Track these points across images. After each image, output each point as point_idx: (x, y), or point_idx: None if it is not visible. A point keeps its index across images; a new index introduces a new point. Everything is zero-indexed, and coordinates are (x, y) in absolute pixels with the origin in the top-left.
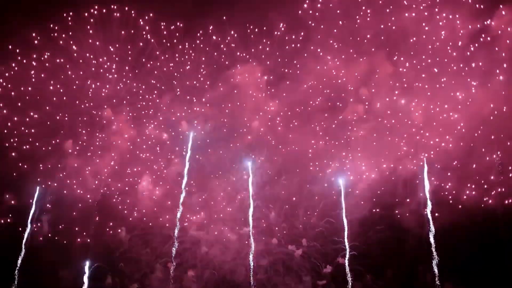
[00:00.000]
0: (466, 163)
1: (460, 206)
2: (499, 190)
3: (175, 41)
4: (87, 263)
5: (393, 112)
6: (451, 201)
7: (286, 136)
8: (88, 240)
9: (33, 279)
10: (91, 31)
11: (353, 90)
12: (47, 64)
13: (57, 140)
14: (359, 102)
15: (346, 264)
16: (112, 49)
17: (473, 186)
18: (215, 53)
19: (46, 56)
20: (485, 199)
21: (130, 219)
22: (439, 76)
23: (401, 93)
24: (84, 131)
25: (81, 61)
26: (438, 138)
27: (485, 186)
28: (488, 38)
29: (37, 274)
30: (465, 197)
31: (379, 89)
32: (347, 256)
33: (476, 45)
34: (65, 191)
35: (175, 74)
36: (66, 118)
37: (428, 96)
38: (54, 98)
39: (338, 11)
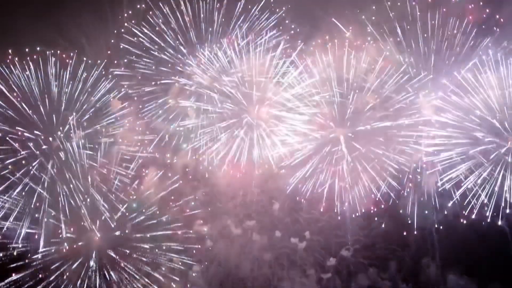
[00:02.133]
0: (472, 155)
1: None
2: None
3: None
4: (93, 261)
5: (401, 103)
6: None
7: (295, 126)
8: (95, 237)
9: None
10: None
11: (363, 79)
12: (53, 59)
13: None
14: (368, 92)
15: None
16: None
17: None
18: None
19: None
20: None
21: (136, 216)
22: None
23: (410, 82)
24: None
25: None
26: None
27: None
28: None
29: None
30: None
31: (389, 78)
32: (351, 249)
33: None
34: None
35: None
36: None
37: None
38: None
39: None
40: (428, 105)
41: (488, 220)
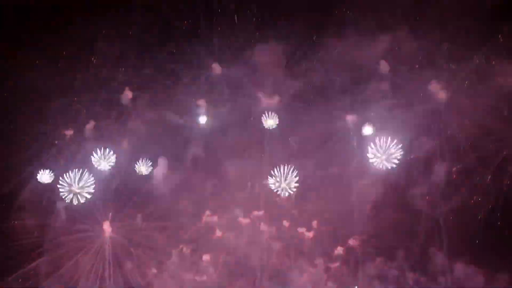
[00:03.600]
0: (482, 146)
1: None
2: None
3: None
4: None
5: (414, 91)
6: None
7: (305, 116)
8: (106, 228)
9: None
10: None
11: (375, 68)
12: (64, 52)
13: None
14: (379, 80)
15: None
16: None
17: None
18: (233, 35)
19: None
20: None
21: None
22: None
23: (423, 69)
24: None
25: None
26: (459, 119)
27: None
28: None
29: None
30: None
31: (401, 66)
32: (359, 238)
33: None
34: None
35: (192, 57)
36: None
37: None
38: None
39: None
40: (440, 93)
41: (497, 210)
